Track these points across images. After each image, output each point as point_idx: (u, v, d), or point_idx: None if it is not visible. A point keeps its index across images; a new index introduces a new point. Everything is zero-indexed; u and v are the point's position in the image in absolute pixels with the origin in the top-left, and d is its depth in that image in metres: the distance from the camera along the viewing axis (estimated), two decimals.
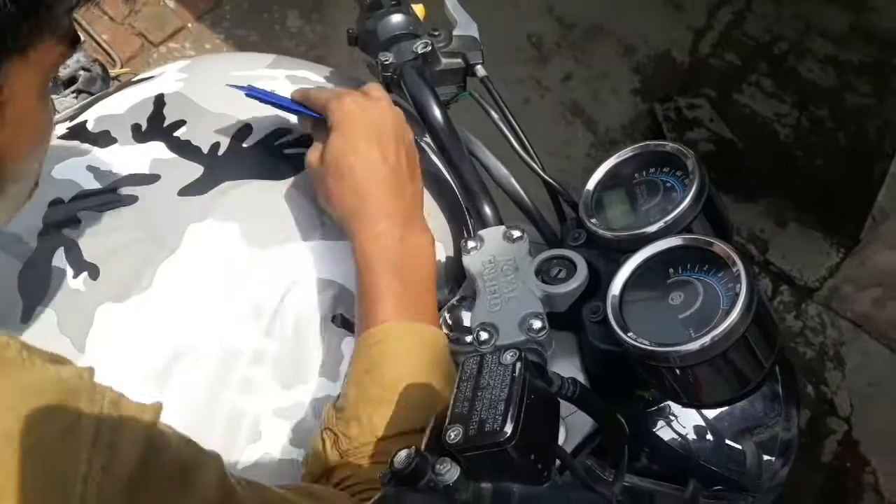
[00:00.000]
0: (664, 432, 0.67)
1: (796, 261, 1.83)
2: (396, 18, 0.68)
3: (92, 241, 0.60)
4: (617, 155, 0.63)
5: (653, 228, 0.58)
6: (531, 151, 0.66)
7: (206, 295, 0.60)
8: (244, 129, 0.69)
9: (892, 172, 1.73)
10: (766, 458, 0.66)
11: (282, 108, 0.66)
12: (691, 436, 0.66)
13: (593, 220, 0.61)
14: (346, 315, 0.63)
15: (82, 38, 1.12)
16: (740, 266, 0.52)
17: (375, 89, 0.64)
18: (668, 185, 0.61)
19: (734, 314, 0.50)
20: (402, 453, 0.36)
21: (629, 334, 0.52)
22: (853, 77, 2.11)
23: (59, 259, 0.59)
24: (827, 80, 2.11)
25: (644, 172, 0.63)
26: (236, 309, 0.59)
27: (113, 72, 1.16)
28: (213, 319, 0.59)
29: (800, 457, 1.74)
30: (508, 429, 0.35)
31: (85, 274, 0.59)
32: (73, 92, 1.06)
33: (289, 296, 0.61)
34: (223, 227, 0.62)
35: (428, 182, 0.71)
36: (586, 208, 0.62)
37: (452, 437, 0.36)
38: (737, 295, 0.51)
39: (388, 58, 0.66)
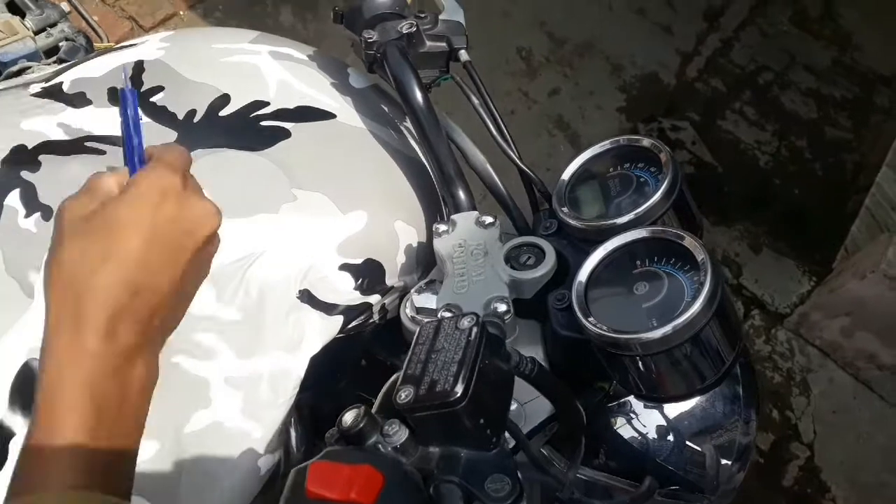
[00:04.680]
0: (624, 430, 0.66)
1: (768, 286, 1.85)
2: None
3: (49, 184, 0.59)
4: (593, 148, 0.63)
5: (623, 220, 0.58)
6: (509, 139, 0.66)
7: None
8: (222, 99, 0.68)
9: (867, 205, 1.76)
10: (723, 461, 0.66)
11: (126, 128, 0.51)
12: (651, 434, 0.66)
13: (565, 210, 0.61)
14: (311, 291, 0.62)
15: (67, 9, 1.11)
16: (706, 259, 0.52)
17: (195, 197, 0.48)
18: (641, 179, 0.62)
19: (697, 305, 0.50)
20: (350, 413, 0.35)
21: (592, 320, 0.52)
22: (833, 111, 2.15)
23: (13, 199, 0.58)
24: (808, 112, 2.14)
25: (618, 167, 0.63)
26: None
27: (98, 46, 1.15)
28: None
29: (761, 479, 1.73)
30: (459, 389, 0.34)
31: (38, 215, 0.57)
32: (54, 61, 1.04)
33: (254, 266, 0.60)
34: None
35: (403, 164, 0.71)
36: (559, 198, 0.62)
37: (403, 397, 0.35)
38: (701, 286, 0.51)
39: (372, 36, 0.66)
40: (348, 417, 0.35)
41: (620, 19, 2.19)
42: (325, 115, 0.69)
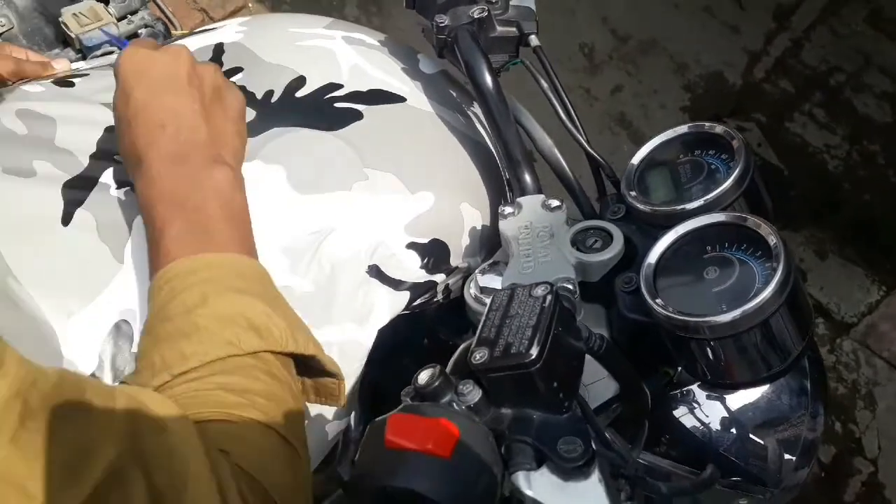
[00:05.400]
0: (687, 419, 0.66)
1: (834, 294, 1.80)
2: None
3: None
4: (663, 133, 0.63)
5: (693, 205, 0.58)
6: (578, 124, 0.67)
7: None
8: (298, 81, 0.70)
9: None
10: (787, 456, 0.65)
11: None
12: (714, 424, 0.65)
13: (633, 194, 0.61)
14: (380, 267, 0.64)
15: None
16: (779, 245, 0.51)
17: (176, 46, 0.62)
18: (712, 166, 0.61)
19: (768, 290, 0.49)
20: (426, 372, 0.36)
21: (660, 303, 0.52)
22: None
23: (107, 176, 0.61)
24: (883, 115, 2.07)
25: (690, 153, 0.63)
26: (271, 244, 0.60)
27: (174, 33, 1.19)
28: None
29: (821, 492, 1.68)
30: (534, 351, 0.35)
31: (128, 187, 0.60)
32: None
33: (327, 241, 0.62)
34: (270, 169, 0.64)
35: (470, 148, 0.72)
36: (628, 182, 0.62)
37: (478, 357, 0.36)
38: (773, 272, 0.50)
39: (443, 20, 0.67)
40: (424, 375, 0.36)
41: (686, 17, 2.16)
42: (395, 99, 0.71)
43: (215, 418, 0.45)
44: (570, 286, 0.56)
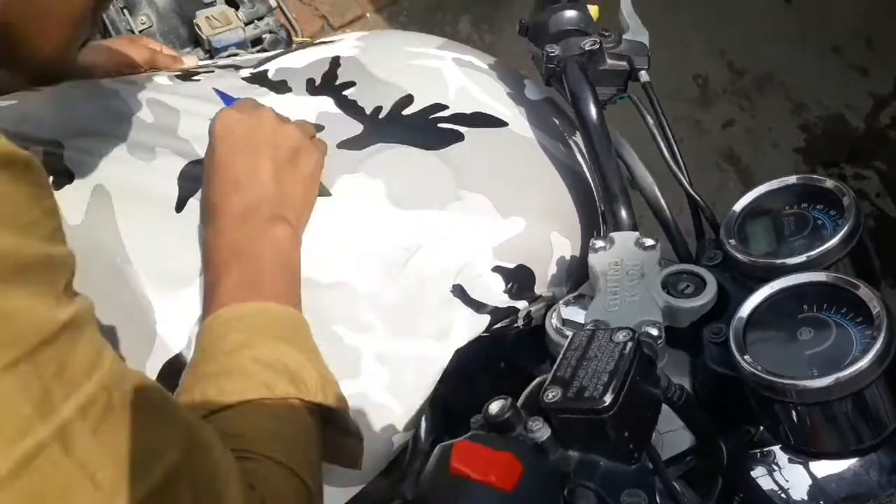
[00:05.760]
0: (764, 481, 0.63)
1: None
2: (570, 14, 0.69)
3: None
4: (770, 182, 0.61)
5: (795, 260, 0.56)
6: (681, 163, 0.65)
7: (339, 233, 0.64)
8: (406, 99, 0.72)
9: None
10: None
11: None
12: (793, 491, 0.62)
13: (732, 242, 0.60)
14: (464, 287, 0.65)
15: (274, 5, 1.21)
16: (882, 313, 0.49)
17: (259, 107, 0.65)
18: (819, 221, 0.59)
19: (865, 360, 0.47)
20: (497, 403, 0.37)
21: (748, 359, 0.51)
22: None
23: None
24: None
25: (795, 205, 0.60)
26: (365, 253, 0.63)
27: (296, 39, 1.25)
28: (341, 256, 0.63)
29: None
30: (608, 398, 0.35)
31: None
32: (258, 50, 1.15)
33: (417, 255, 0.64)
34: (371, 182, 0.66)
35: (567, 177, 0.71)
36: (728, 230, 0.61)
37: (550, 396, 0.36)
38: (873, 341, 0.48)
39: (554, 50, 0.67)
40: (495, 406, 0.36)
41: (810, 54, 2.06)
42: (498, 123, 0.72)
43: (245, 456, 0.47)
44: (655, 331, 0.55)
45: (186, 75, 0.76)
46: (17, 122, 0.65)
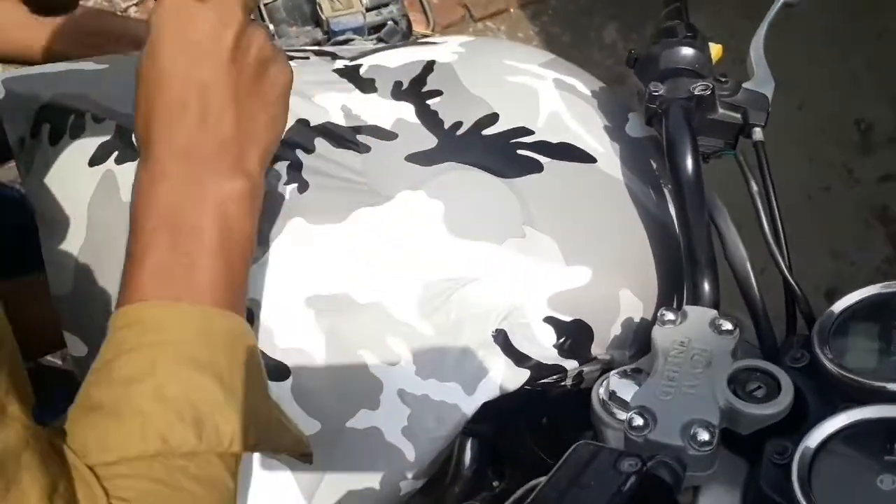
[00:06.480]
0: None
1: None
2: (685, 51, 0.61)
3: (314, 165, 0.63)
4: (885, 284, 0.51)
5: None
6: (782, 241, 0.56)
7: (386, 254, 0.60)
8: (490, 118, 0.67)
9: None
10: None
11: None
12: None
13: (826, 350, 0.50)
14: (508, 334, 0.59)
15: None
16: None
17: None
18: None
19: None
20: None
21: (814, 499, 0.42)
22: None
23: (281, 166, 0.62)
24: None
25: None
26: (408, 279, 0.58)
27: (417, 31, 1.21)
28: (382, 278, 0.59)
29: None
30: None
31: (295, 185, 0.61)
32: (375, 38, 1.13)
33: (461, 290, 0.59)
34: (430, 203, 0.62)
35: (652, 230, 0.64)
36: (822, 333, 0.51)
37: None
38: None
39: (659, 90, 0.59)
40: None
41: None
42: (585, 158, 0.65)
43: None
44: (706, 435, 0.47)
45: (298, 56, 0.75)
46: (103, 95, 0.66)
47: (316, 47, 0.86)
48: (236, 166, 0.47)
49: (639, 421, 0.49)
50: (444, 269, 0.59)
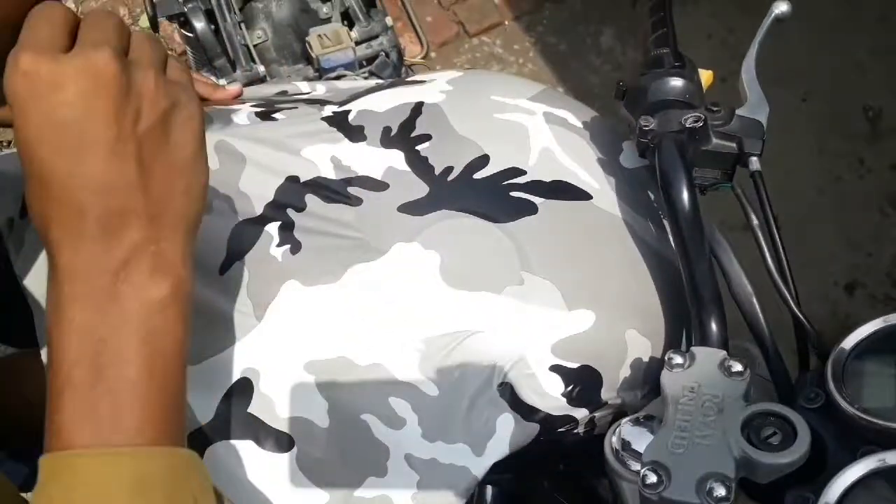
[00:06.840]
0: None
1: None
2: (674, 82, 0.59)
3: (305, 224, 0.62)
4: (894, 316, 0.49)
5: None
6: (788, 275, 0.54)
7: (383, 311, 0.59)
8: (480, 160, 0.65)
9: None
10: None
11: None
12: None
13: (842, 389, 0.48)
14: (514, 387, 0.57)
15: (390, 24, 1.17)
16: None
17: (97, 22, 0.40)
18: None
19: None
20: None
21: None
22: None
23: (273, 227, 0.61)
24: None
25: None
26: (407, 336, 0.57)
27: (408, 60, 1.20)
28: (381, 337, 0.57)
29: None
30: None
31: (287, 247, 0.60)
32: (366, 72, 1.12)
33: (462, 344, 0.57)
34: (425, 255, 0.60)
35: (654, 266, 0.62)
36: (835, 370, 0.49)
37: None
38: None
39: (649, 124, 0.58)
40: None
41: None
42: (579, 195, 0.63)
43: None
44: (723, 490, 0.45)
45: (267, 111, 0.73)
46: None
47: (305, 94, 0.85)
48: (155, 267, 0.40)
49: (652, 478, 0.47)
50: (444, 322, 0.58)
